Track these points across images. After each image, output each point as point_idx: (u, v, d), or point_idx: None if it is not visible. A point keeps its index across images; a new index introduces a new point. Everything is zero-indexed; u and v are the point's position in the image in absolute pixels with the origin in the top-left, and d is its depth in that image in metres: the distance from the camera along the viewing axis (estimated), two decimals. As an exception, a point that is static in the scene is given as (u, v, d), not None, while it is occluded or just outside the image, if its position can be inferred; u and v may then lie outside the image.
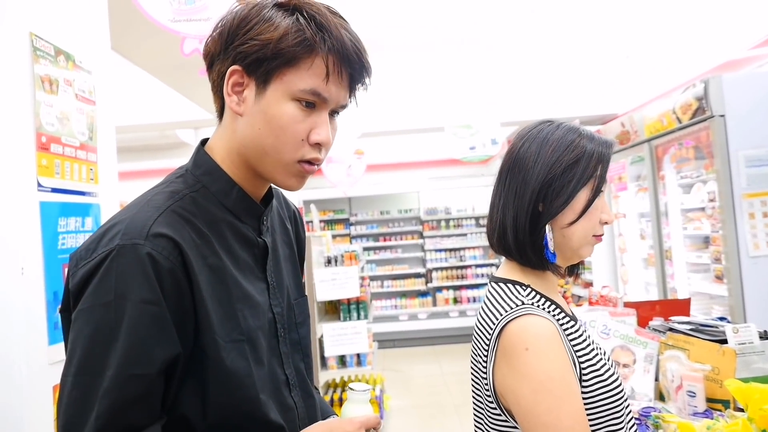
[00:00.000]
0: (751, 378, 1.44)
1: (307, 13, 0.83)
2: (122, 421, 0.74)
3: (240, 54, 0.83)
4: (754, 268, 3.06)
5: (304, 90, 0.83)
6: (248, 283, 0.89)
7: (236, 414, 0.83)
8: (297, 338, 1.00)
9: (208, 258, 0.84)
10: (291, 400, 0.94)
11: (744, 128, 3.12)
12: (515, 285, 1.02)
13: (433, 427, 4.77)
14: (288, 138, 0.84)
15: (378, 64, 5.76)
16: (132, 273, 0.76)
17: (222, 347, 0.82)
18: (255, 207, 0.93)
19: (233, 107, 0.86)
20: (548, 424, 0.88)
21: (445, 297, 8.65)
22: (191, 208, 0.85)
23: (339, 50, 0.83)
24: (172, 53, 3.12)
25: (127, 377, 0.74)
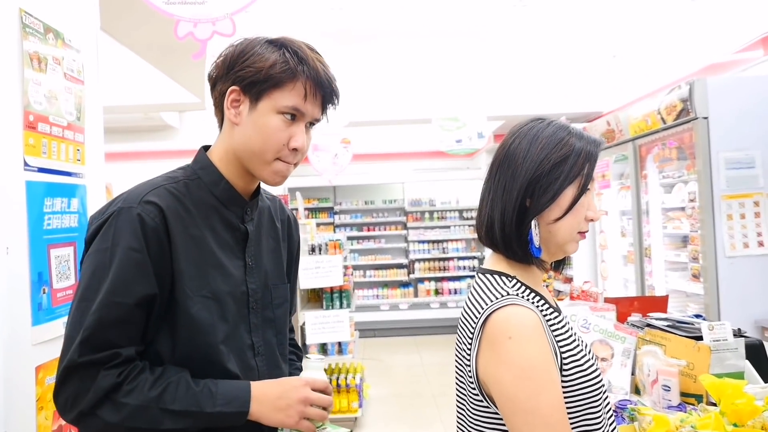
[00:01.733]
0: (725, 374, 1.48)
1: (291, 49, 1.09)
2: (103, 336, 0.97)
3: (238, 77, 1.08)
4: (730, 268, 3.14)
5: (287, 106, 1.08)
6: (225, 257, 1.12)
7: (198, 355, 1.06)
8: (272, 316, 1.20)
9: (189, 228, 1.08)
10: (254, 362, 1.14)
11: (726, 131, 3.18)
12: (501, 276, 1.04)
13: (411, 415, 4.82)
14: (272, 142, 1.09)
15: (367, 53, 5.75)
16: (125, 227, 1.01)
17: (189, 298, 1.05)
18: (239, 199, 1.17)
19: (231, 118, 1.11)
20: (527, 410, 0.90)
21: (427, 288, 8.70)
22: (183, 190, 1.11)
23: (314, 78, 1.09)
24: (163, 36, 3.08)
25: (110, 302, 0.98)
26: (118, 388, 0.97)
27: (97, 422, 0.97)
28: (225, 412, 1.02)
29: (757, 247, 3.14)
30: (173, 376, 1.02)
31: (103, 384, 0.96)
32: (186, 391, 1.01)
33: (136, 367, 1.01)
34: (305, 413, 1.07)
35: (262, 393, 1.06)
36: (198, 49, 1.70)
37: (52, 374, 1.57)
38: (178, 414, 0.99)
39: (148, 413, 0.98)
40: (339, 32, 5.08)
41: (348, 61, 5.87)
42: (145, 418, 0.98)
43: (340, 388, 4.49)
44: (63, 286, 1.63)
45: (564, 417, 0.91)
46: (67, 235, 1.67)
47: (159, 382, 1.00)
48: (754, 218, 3.15)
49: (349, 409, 4.46)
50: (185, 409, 1.00)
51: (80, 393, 0.97)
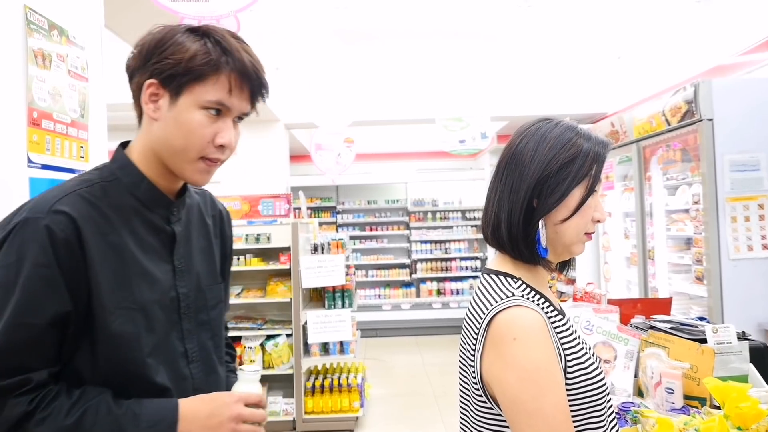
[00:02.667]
0: (729, 377, 1.48)
1: (214, 39, 1.00)
2: (11, 361, 0.90)
3: (156, 70, 0.99)
4: (734, 271, 3.12)
5: (210, 101, 1.00)
6: (150, 262, 1.04)
7: (121, 372, 0.99)
8: (207, 319, 1.14)
9: (108, 235, 0.99)
10: (188, 370, 1.08)
11: (731, 133, 3.17)
12: (506, 277, 1.03)
13: (412, 416, 4.81)
14: (196, 139, 1.00)
15: (371, 53, 5.75)
16: (31, 241, 0.92)
17: (109, 312, 0.97)
18: (164, 199, 1.08)
19: (150, 113, 1.02)
20: (531, 411, 0.90)
21: (429, 288, 8.69)
22: (99, 194, 1.01)
23: (240, 69, 1.00)
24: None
25: (18, 324, 0.90)
26: (29, 417, 0.90)
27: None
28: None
29: (762, 250, 3.13)
30: (92, 399, 0.95)
31: (12, 413, 0.90)
32: (107, 414, 0.94)
33: (50, 392, 0.93)
34: (237, 431, 1.01)
35: (191, 412, 0.99)
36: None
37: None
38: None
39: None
40: (344, 31, 5.08)
41: (352, 61, 5.87)
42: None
43: (341, 388, 4.49)
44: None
45: (567, 419, 0.91)
46: (70, 232, 1.67)
47: (76, 408, 0.93)
48: (758, 221, 3.14)
49: (350, 408, 4.46)
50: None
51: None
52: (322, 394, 4.48)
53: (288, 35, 5.08)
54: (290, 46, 5.37)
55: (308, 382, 4.53)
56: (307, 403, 4.43)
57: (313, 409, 4.43)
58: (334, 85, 6.41)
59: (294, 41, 5.25)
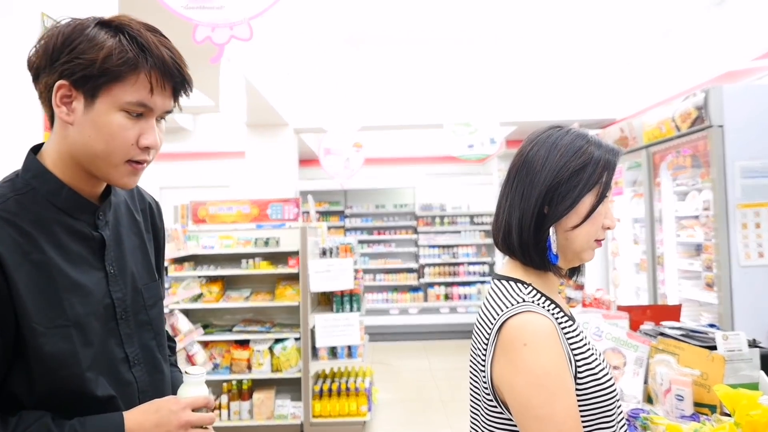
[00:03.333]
0: (739, 384, 1.47)
1: (129, 35, 0.92)
2: None
3: (66, 70, 0.91)
4: (744, 278, 3.10)
5: (131, 102, 0.93)
6: (80, 273, 0.98)
7: (61, 390, 0.94)
8: (147, 319, 1.10)
9: (30, 254, 0.92)
10: (131, 375, 1.04)
11: (742, 139, 3.16)
12: (517, 283, 1.04)
13: (420, 421, 4.81)
14: (118, 143, 0.94)
15: (380, 58, 5.77)
16: None
17: (41, 333, 0.91)
18: (87, 204, 1.01)
19: (63, 117, 0.94)
20: (541, 417, 0.90)
21: (437, 293, 8.68)
22: (14, 209, 0.93)
23: (160, 67, 0.94)
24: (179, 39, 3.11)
25: None
26: None
27: None
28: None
29: (773, 257, 3.11)
30: (32, 423, 0.89)
31: None
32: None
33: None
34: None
35: (137, 424, 0.95)
36: (216, 53, 1.71)
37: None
38: None
39: None
40: (353, 37, 5.10)
41: (361, 66, 5.89)
42: None
43: (349, 392, 4.50)
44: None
45: (578, 424, 0.92)
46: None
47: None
48: (769, 228, 3.12)
49: (358, 412, 4.46)
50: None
51: None
52: (329, 398, 4.49)
53: (298, 41, 5.12)
54: (300, 51, 5.40)
55: (316, 386, 4.54)
56: (315, 406, 4.44)
57: (320, 413, 4.43)
58: (343, 90, 6.43)
59: (304, 47, 5.28)
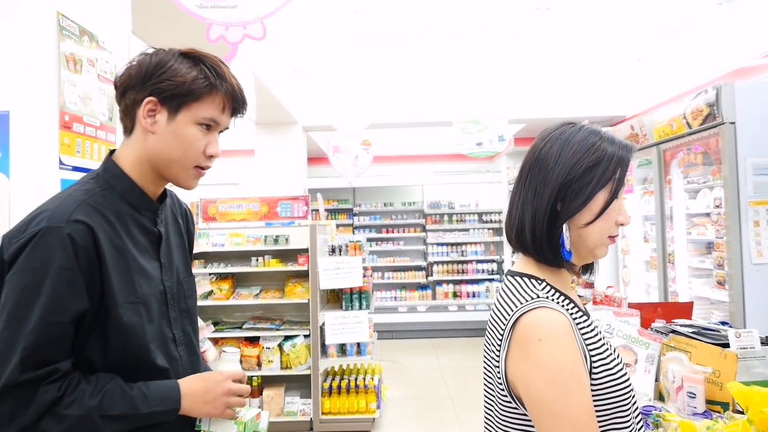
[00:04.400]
0: (752, 382, 1.46)
1: (209, 64, 1.16)
2: (42, 354, 1.02)
3: (157, 89, 1.13)
4: (756, 276, 3.08)
5: (206, 117, 1.16)
6: (145, 260, 1.19)
7: (130, 358, 1.12)
8: (186, 307, 1.30)
9: (113, 240, 1.12)
10: (177, 353, 1.23)
11: (754, 136, 3.13)
12: (531, 279, 1.04)
13: (429, 418, 4.81)
14: (192, 151, 1.17)
15: (389, 56, 5.77)
16: (55, 247, 1.03)
17: (120, 306, 1.10)
18: (151, 203, 1.23)
19: (147, 127, 1.15)
20: (557, 412, 0.91)
21: (445, 291, 8.68)
22: (102, 202, 1.13)
23: (230, 92, 1.18)
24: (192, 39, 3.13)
25: (47, 321, 1.02)
26: (59, 402, 1.03)
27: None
28: (159, 411, 1.11)
29: (785, 255, 3.09)
30: (108, 383, 1.08)
31: (44, 399, 1.02)
32: (122, 396, 1.08)
33: (73, 379, 1.06)
34: (229, 403, 1.19)
35: (190, 390, 1.16)
36: (229, 52, 1.72)
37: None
38: (116, 418, 1.07)
39: (90, 421, 1.05)
40: (362, 35, 5.11)
41: (370, 64, 5.89)
42: (86, 426, 1.05)
43: (358, 389, 4.51)
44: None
45: (593, 420, 0.92)
46: (99, 233, 1.71)
47: (96, 391, 1.06)
48: (781, 225, 3.10)
49: (367, 409, 4.48)
50: (123, 413, 1.07)
51: (19, 409, 1.01)
52: (339, 395, 4.50)
53: (307, 39, 5.13)
54: (309, 49, 5.41)
55: (325, 383, 4.55)
56: (324, 403, 4.45)
57: (330, 410, 4.45)
58: (352, 88, 6.44)
59: (312, 45, 5.29)
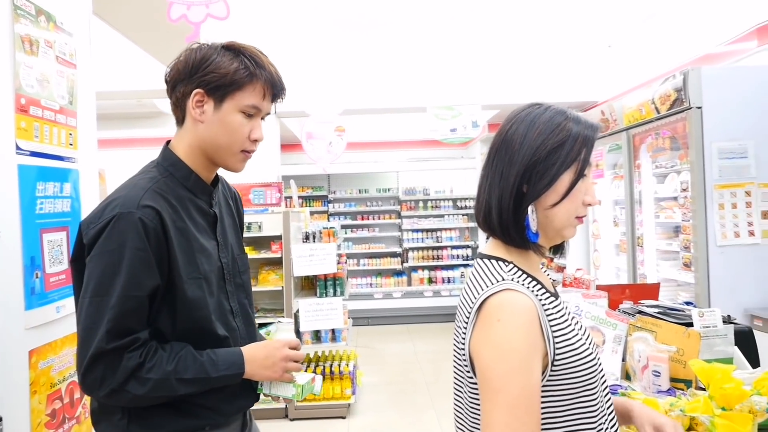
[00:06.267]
0: (714, 359, 1.50)
1: (248, 55, 1.26)
2: (124, 325, 1.15)
3: (203, 81, 1.24)
4: (720, 257, 3.16)
5: (249, 105, 1.27)
6: (204, 240, 1.31)
7: (194, 328, 1.26)
8: (241, 282, 1.43)
9: (176, 222, 1.24)
10: (234, 323, 1.37)
11: (719, 121, 3.20)
12: (498, 261, 1.05)
13: (404, 403, 4.85)
14: (237, 137, 1.28)
15: (362, 41, 5.71)
16: (129, 230, 1.16)
17: (185, 281, 1.23)
18: (207, 187, 1.36)
19: (196, 117, 1.27)
20: (496, 388, 0.92)
21: (420, 277, 8.72)
22: (164, 188, 1.26)
23: (270, 80, 1.28)
24: (155, 20, 3.05)
25: (126, 296, 1.15)
26: (141, 367, 1.17)
27: (126, 395, 1.17)
28: (226, 374, 1.26)
29: (748, 237, 3.17)
30: (181, 350, 1.23)
31: (129, 364, 1.16)
32: (194, 362, 1.22)
33: (152, 347, 1.20)
34: (286, 368, 1.34)
35: (252, 356, 1.30)
36: (191, 32, 1.68)
37: (46, 358, 1.57)
38: (190, 381, 1.21)
39: (167, 384, 1.19)
40: (335, 20, 5.04)
41: (344, 49, 5.83)
42: (165, 387, 1.19)
43: (333, 375, 4.52)
44: (56, 270, 1.63)
45: (532, 407, 0.92)
46: (60, 220, 1.66)
47: (172, 357, 1.21)
48: (745, 208, 3.18)
49: (342, 396, 4.49)
50: (195, 377, 1.22)
51: (108, 374, 1.15)
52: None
53: (278, 23, 5.04)
54: (281, 34, 5.33)
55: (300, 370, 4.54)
56: (300, 390, 4.45)
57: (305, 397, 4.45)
58: (325, 73, 6.37)
59: (285, 29, 5.21)
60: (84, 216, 1.77)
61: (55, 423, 1.59)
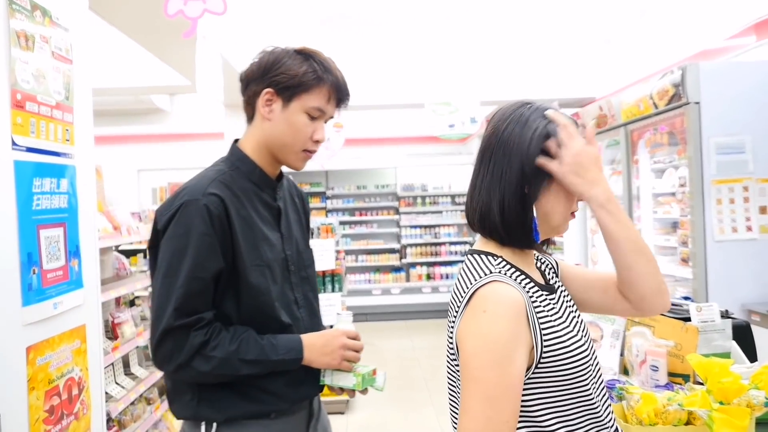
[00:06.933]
0: (711, 354, 1.51)
1: (317, 60, 1.36)
2: (190, 305, 1.25)
3: (273, 81, 1.33)
4: (718, 252, 3.17)
5: (313, 107, 1.35)
6: (268, 230, 1.39)
7: (259, 313, 1.34)
8: (306, 275, 1.50)
9: (240, 210, 1.33)
10: (298, 313, 1.44)
11: (717, 116, 3.20)
12: (487, 256, 1.05)
13: (403, 398, 4.86)
14: (300, 136, 1.36)
15: (361, 37, 5.70)
16: (195, 216, 1.26)
17: (248, 268, 1.31)
18: (271, 181, 1.44)
19: (265, 115, 1.36)
20: (474, 378, 0.93)
21: (419, 273, 8.73)
22: (230, 180, 1.35)
23: (336, 84, 1.37)
24: (151, 15, 3.04)
25: (192, 278, 1.24)
26: (206, 345, 1.25)
27: (191, 371, 1.26)
28: (285, 359, 1.32)
29: (746, 232, 3.17)
30: (243, 333, 1.30)
31: (195, 342, 1.24)
32: (255, 344, 1.29)
33: (216, 327, 1.28)
34: (345, 356, 1.38)
35: (311, 343, 1.35)
36: (188, 28, 1.68)
37: (43, 355, 1.57)
38: (251, 362, 1.28)
39: (230, 363, 1.26)
40: (333, 16, 5.03)
41: (341, 45, 5.82)
42: (228, 366, 1.26)
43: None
44: (53, 266, 1.62)
45: (510, 397, 0.92)
46: (57, 216, 1.66)
47: (235, 339, 1.28)
48: (743, 203, 3.18)
49: (341, 392, 4.49)
50: (256, 358, 1.28)
51: (176, 349, 1.24)
52: (312, 378, 4.50)
53: (276, 20, 5.03)
54: (278, 30, 5.31)
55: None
56: (298, 386, 4.45)
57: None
58: (323, 69, 6.34)
59: (282, 26, 5.20)
60: (80, 212, 1.77)
61: (53, 419, 1.59)
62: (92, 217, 1.87)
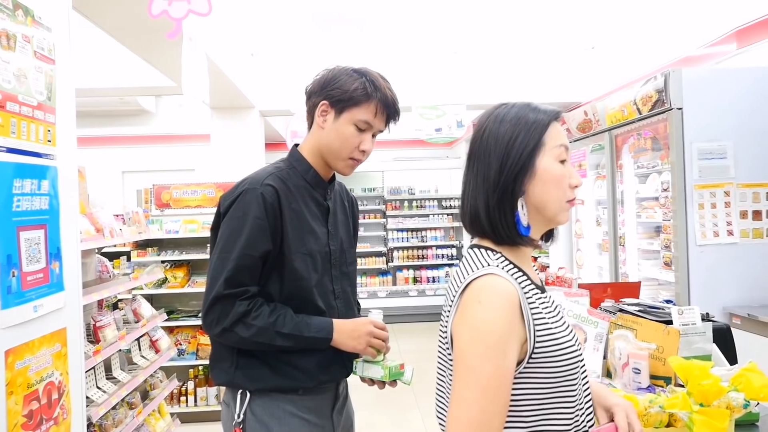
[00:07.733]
0: (693, 357, 1.52)
1: (369, 78, 1.51)
2: (239, 277, 1.42)
3: (329, 95, 1.50)
4: (700, 256, 3.21)
5: (361, 120, 1.50)
6: (315, 224, 1.54)
7: (298, 295, 1.49)
8: (347, 271, 1.65)
9: (291, 203, 1.49)
10: (334, 303, 1.58)
11: (700, 122, 3.24)
12: (487, 250, 1.06)
13: (389, 402, 4.85)
14: (347, 145, 1.51)
15: (348, 40, 5.70)
16: (252, 202, 1.44)
17: (293, 254, 1.47)
18: (323, 182, 1.60)
19: (320, 124, 1.53)
20: (468, 367, 0.93)
21: (405, 276, 8.74)
22: (286, 176, 1.53)
23: (384, 101, 1.51)
24: (136, 15, 3.01)
25: (244, 254, 1.41)
26: (248, 314, 1.41)
27: (234, 336, 1.42)
28: (317, 337, 1.46)
29: (727, 236, 3.22)
30: (282, 309, 1.45)
31: (238, 310, 1.40)
32: (291, 320, 1.44)
33: (258, 300, 1.44)
34: (371, 342, 1.50)
35: (340, 326, 1.49)
36: (172, 29, 1.66)
37: (22, 358, 1.54)
38: (286, 335, 1.43)
39: (267, 332, 1.41)
40: (319, 18, 5.03)
41: (328, 47, 5.82)
42: (265, 335, 1.42)
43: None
44: (33, 269, 1.60)
45: (502, 389, 0.93)
46: (38, 218, 1.63)
47: (274, 313, 1.43)
48: (724, 207, 3.23)
49: (326, 395, 4.47)
50: (291, 333, 1.43)
51: (222, 315, 1.41)
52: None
53: (263, 21, 5.01)
54: (265, 32, 5.30)
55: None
56: (284, 390, 4.43)
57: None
58: (310, 72, 6.33)
59: (269, 27, 5.18)
60: (62, 214, 1.75)
61: (32, 424, 1.56)
62: (74, 219, 1.85)
